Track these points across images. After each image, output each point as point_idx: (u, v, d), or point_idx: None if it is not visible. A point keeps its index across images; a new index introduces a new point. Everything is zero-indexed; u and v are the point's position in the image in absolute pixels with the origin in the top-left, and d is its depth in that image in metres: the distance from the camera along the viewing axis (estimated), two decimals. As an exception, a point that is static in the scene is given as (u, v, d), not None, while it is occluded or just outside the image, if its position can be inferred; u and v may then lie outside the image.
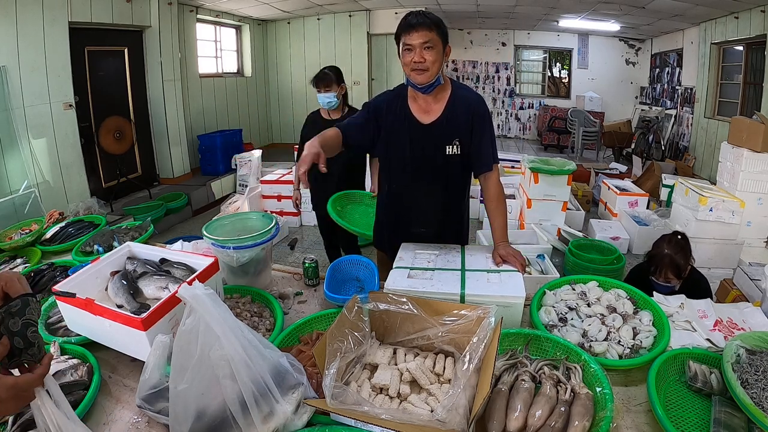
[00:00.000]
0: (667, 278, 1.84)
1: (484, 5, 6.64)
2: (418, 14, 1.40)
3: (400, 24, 1.41)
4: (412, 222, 1.69)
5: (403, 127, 1.56)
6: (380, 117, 1.57)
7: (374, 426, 0.82)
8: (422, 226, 1.68)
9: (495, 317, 0.99)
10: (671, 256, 1.83)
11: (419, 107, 1.55)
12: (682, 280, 1.87)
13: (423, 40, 1.38)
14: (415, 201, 1.66)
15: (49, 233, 2.08)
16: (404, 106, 1.56)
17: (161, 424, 0.96)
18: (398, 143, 1.58)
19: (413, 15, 1.40)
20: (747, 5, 4.97)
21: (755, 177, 3.30)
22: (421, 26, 1.37)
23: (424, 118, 1.54)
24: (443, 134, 1.53)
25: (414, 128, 1.55)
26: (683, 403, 1.01)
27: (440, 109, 1.53)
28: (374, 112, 1.57)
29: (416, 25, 1.37)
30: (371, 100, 1.63)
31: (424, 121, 1.54)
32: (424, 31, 1.37)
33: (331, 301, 1.43)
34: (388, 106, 1.57)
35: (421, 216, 1.68)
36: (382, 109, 1.57)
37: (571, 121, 7.87)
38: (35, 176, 3.85)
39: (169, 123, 5.46)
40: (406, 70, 1.45)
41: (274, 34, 7.96)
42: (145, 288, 1.28)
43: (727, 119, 5.36)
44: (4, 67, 3.52)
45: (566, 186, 3.76)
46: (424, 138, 1.55)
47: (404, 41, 1.40)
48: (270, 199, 4.68)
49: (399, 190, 1.67)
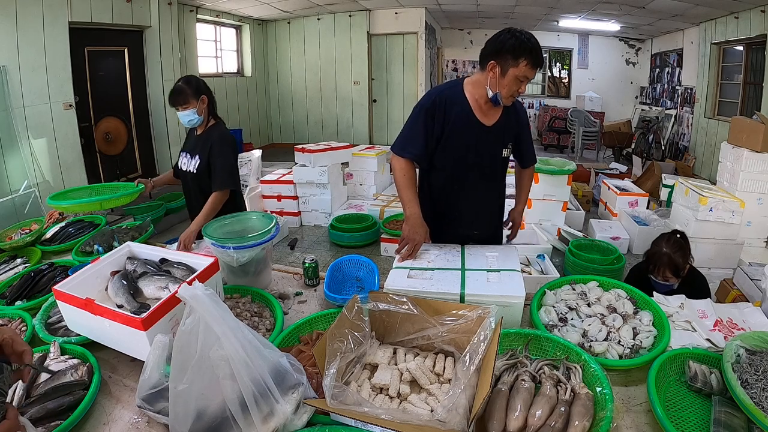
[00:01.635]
0: (665, 277, 1.83)
1: (484, 5, 6.64)
2: (541, 51, 1.45)
3: (523, 47, 1.41)
4: (463, 223, 1.71)
5: (466, 126, 1.57)
6: (439, 115, 1.56)
7: (374, 426, 0.82)
8: (475, 228, 1.73)
9: (495, 317, 0.99)
10: (670, 255, 1.83)
11: (480, 110, 1.58)
12: (681, 279, 1.87)
13: (532, 79, 1.49)
14: (470, 201, 1.68)
15: (49, 233, 2.08)
16: (466, 106, 1.57)
17: (161, 424, 0.96)
18: (460, 142, 1.59)
19: (539, 51, 1.44)
20: (747, 5, 4.97)
21: (755, 177, 3.30)
22: (542, 65, 1.48)
23: (486, 121, 1.59)
24: (502, 137, 1.61)
25: (478, 129, 1.58)
26: (683, 403, 1.01)
27: (497, 114, 1.60)
28: (432, 114, 1.56)
29: (541, 66, 1.47)
30: (424, 102, 1.58)
31: (486, 123, 1.59)
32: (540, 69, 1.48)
33: (331, 301, 1.43)
34: (447, 104, 1.55)
35: (474, 217, 1.71)
36: (441, 107, 1.55)
37: (571, 121, 7.87)
38: (35, 176, 3.85)
39: (169, 123, 5.46)
40: (504, 91, 1.48)
41: (274, 34, 7.97)
42: (145, 288, 1.27)
43: (727, 119, 5.37)
44: (4, 67, 3.52)
45: (566, 186, 3.75)
46: (486, 139, 1.59)
47: (525, 73, 1.44)
48: (270, 199, 4.68)
49: (453, 190, 1.67)
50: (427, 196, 1.72)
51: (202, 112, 2.00)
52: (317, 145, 4.67)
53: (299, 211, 4.69)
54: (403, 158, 1.60)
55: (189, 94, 1.95)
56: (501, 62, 1.44)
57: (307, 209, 4.66)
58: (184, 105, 1.95)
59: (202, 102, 1.98)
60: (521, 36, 1.42)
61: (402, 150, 1.60)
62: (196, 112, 1.97)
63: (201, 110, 1.99)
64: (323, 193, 4.54)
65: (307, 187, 4.54)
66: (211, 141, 1.99)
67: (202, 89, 1.99)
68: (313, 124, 8.20)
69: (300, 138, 8.03)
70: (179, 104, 1.96)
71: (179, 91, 1.95)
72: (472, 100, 1.56)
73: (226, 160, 1.98)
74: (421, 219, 1.56)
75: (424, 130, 1.56)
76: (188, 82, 1.97)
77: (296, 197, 4.63)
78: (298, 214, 4.69)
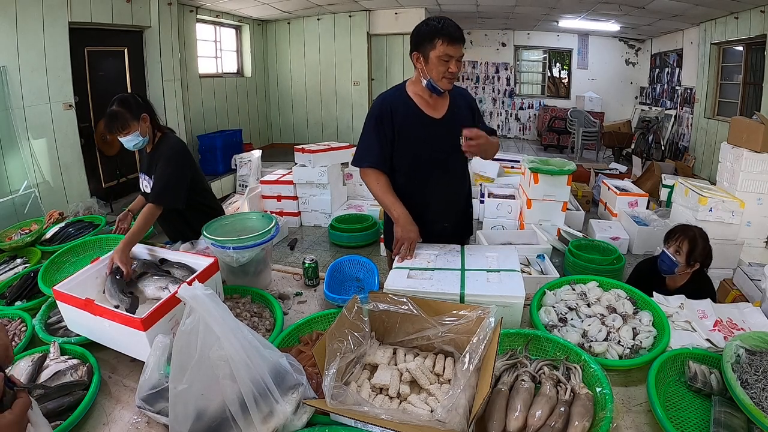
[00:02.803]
0: (677, 248, 1.83)
1: (484, 5, 6.64)
2: (457, 27, 1.46)
3: (434, 29, 1.44)
4: (432, 218, 1.71)
5: (416, 123, 1.59)
6: (387, 119, 1.59)
7: (374, 426, 0.82)
8: (445, 221, 1.73)
9: (495, 317, 0.99)
10: (696, 233, 1.84)
11: (426, 104, 1.60)
12: (690, 275, 1.86)
13: (460, 54, 1.48)
14: (436, 196, 1.69)
15: (49, 233, 2.08)
16: (411, 104, 1.59)
17: (161, 424, 0.96)
18: (413, 139, 1.60)
19: (454, 28, 1.45)
20: (747, 5, 4.97)
21: (755, 177, 3.30)
22: (461, 41, 1.47)
23: (434, 114, 1.60)
24: (454, 126, 1.59)
25: (427, 123, 1.59)
26: (683, 403, 1.01)
27: (445, 104, 1.62)
28: (380, 119, 1.59)
29: (459, 39, 1.46)
30: (372, 110, 1.63)
31: (435, 116, 1.60)
32: (461, 45, 1.47)
33: (331, 301, 1.43)
34: (392, 107, 1.59)
35: (443, 210, 1.72)
36: (388, 111, 1.59)
37: (571, 122, 7.87)
38: (35, 176, 3.85)
39: (169, 123, 5.37)
40: (433, 74, 1.49)
41: (274, 34, 7.96)
42: (145, 288, 1.28)
43: (727, 119, 5.36)
44: (4, 68, 3.52)
45: (566, 186, 3.76)
46: (438, 132, 1.60)
47: (444, 51, 1.45)
48: (270, 199, 4.68)
49: (416, 188, 1.68)
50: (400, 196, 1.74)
51: (146, 132, 1.80)
52: (317, 146, 4.67)
53: (299, 212, 4.69)
54: (363, 168, 1.64)
55: (128, 118, 1.73)
56: (421, 51, 1.49)
57: (306, 209, 4.66)
58: (125, 130, 1.73)
59: (144, 121, 1.77)
60: (431, 21, 1.47)
61: (360, 161, 1.65)
62: (140, 135, 1.77)
63: (144, 131, 1.78)
64: (323, 193, 4.54)
65: (307, 188, 4.54)
66: (158, 157, 1.82)
67: (142, 107, 1.78)
68: (313, 125, 8.20)
69: (300, 138, 8.02)
70: (118, 131, 1.73)
71: (115, 116, 1.72)
72: (416, 96, 1.60)
73: (163, 176, 1.77)
74: (410, 218, 1.58)
75: (376, 137, 1.60)
76: (125, 104, 1.74)
77: (296, 197, 4.63)
78: (297, 215, 4.69)
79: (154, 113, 1.86)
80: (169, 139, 1.88)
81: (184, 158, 1.86)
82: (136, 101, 1.79)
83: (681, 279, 1.91)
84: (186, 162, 1.87)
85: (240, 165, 5.71)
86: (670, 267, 1.85)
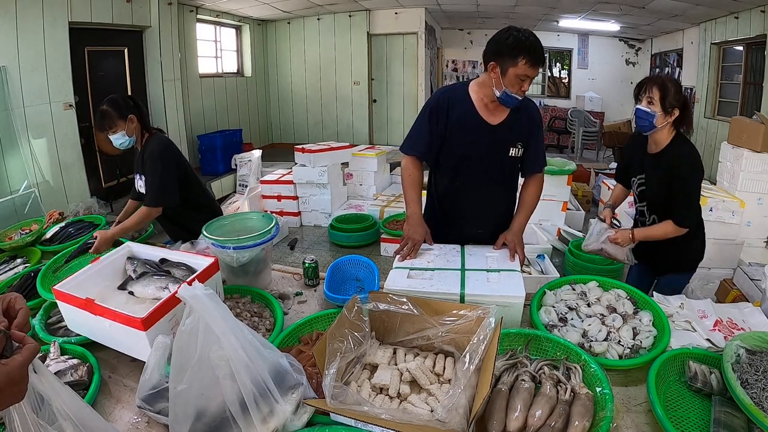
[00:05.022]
0: (650, 98, 1.62)
1: (484, 5, 6.64)
2: (541, 49, 1.43)
3: (520, 46, 1.40)
4: (464, 223, 1.70)
5: (469, 124, 1.57)
6: (442, 113, 1.57)
7: (374, 426, 0.82)
8: (479, 228, 1.71)
9: (495, 317, 0.99)
10: (664, 78, 1.64)
11: (486, 109, 1.58)
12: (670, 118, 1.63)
13: (535, 76, 1.48)
14: (471, 200, 1.67)
15: (49, 233, 2.08)
16: (469, 104, 1.57)
17: (161, 424, 0.96)
18: (462, 140, 1.59)
19: (539, 49, 1.42)
20: (747, 5, 4.97)
21: (755, 177, 3.30)
22: (543, 62, 1.47)
23: (491, 119, 1.58)
24: (509, 136, 1.59)
25: (482, 128, 1.57)
26: (683, 403, 1.01)
27: (505, 112, 1.58)
28: (435, 112, 1.58)
29: (542, 62, 1.45)
30: (430, 101, 1.62)
31: (491, 122, 1.58)
32: (541, 66, 1.46)
33: (331, 301, 1.43)
34: (450, 102, 1.57)
35: (476, 216, 1.70)
36: (444, 105, 1.57)
37: (571, 121, 7.87)
38: (35, 176, 3.85)
39: (169, 123, 5.45)
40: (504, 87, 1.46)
41: (274, 34, 7.96)
42: (145, 288, 1.27)
43: (727, 119, 5.36)
44: (4, 67, 3.52)
45: (566, 186, 3.76)
46: (489, 138, 1.58)
47: (524, 72, 1.42)
48: (270, 199, 4.68)
49: (455, 189, 1.66)
50: (433, 194, 1.75)
51: (133, 132, 1.90)
52: (317, 145, 4.67)
53: (299, 211, 4.69)
54: (409, 156, 1.63)
55: (115, 117, 1.84)
56: (500, 62, 1.44)
57: (307, 209, 4.66)
58: (112, 129, 1.86)
59: (131, 122, 1.87)
60: (519, 35, 1.41)
61: (409, 148, 1.64)
62: (126, 134, 1.87)
63: (131, 131, 1.89)
64: (323, 193, 4.54)
65: (307, 187, 4.54)
66: (146, 157, 1.90)
67: (130, 108, 1.88)
68: (313, 124, 8.20)
69: (300, 138, 8.02)
70: (106, 129, 1.86)
71: (103, 115, 1.85)
72: (477, 99, 1.57)
73: (154, 176, 1.86)
74: (421, 219, 1.58)
75: (428, 128, 1.58)
76: (113, 104, 1.86)
77: (296, 197, 4.63)
78: (298, 215, 4.69)
79: (143, 115, 1.94)
80: (155, 138, 1.94)
81: (169, 155, 1.91)
82: (126, 102, 1.89)
83: (663, 139, 1.67)
84: (171, 159, 1.92)
85: (240, 165, 5.70)
86: (648, 120, 1.63)
